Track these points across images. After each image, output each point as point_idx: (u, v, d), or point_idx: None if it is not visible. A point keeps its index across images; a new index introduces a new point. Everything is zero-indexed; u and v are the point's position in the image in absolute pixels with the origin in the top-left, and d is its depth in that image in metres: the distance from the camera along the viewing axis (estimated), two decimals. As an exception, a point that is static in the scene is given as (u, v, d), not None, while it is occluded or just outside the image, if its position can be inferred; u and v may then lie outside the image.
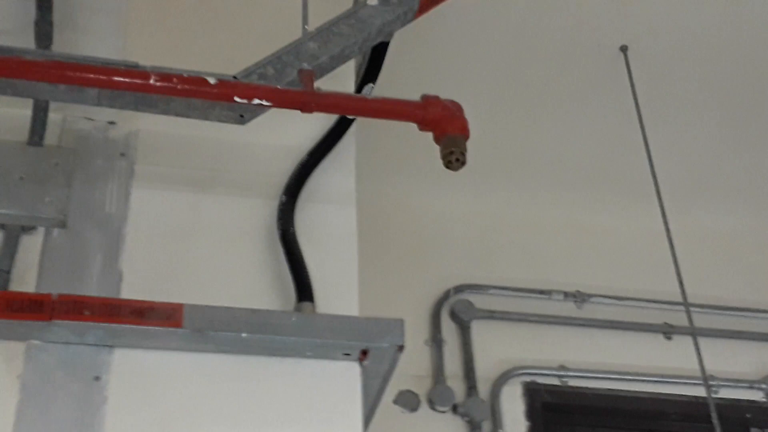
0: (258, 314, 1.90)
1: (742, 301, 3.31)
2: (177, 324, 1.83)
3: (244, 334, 1.86)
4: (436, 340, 3.04)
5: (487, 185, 3.27)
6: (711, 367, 2.98)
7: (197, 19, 2.34)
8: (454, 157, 1.87)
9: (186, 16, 2.34)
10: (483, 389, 2.95)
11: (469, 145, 1.98)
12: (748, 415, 3.11)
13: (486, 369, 3.01)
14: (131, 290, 1.95)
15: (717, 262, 3.36)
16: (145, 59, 1.92)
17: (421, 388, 2.91)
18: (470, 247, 3.23)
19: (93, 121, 2.16)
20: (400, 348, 1.93)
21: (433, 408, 2.89)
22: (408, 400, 2.87)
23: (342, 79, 2.32)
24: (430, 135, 1.95)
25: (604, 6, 2.93)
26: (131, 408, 1.81)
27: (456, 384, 2.95)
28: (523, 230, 3.32)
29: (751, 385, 3.17)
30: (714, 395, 3.05)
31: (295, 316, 1.93)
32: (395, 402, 2.85)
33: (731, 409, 3.07)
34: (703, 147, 3.30)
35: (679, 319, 3.04)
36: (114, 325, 1.82)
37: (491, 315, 3.12)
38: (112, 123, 2.17)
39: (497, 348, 3.07)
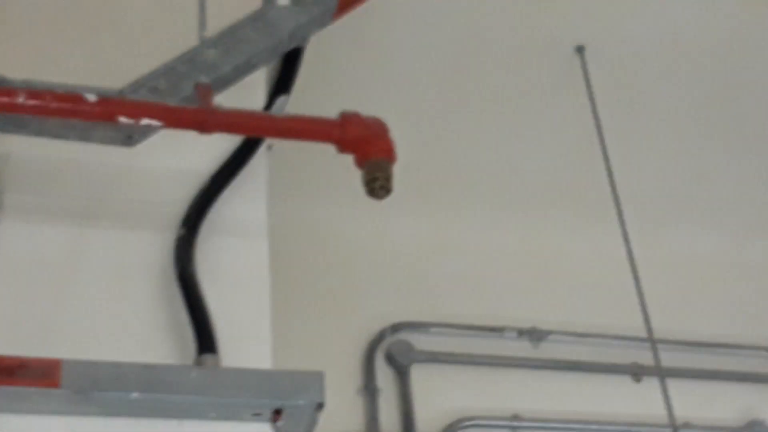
0: (151, 370, 1.87)
1: (720, 337, 3.37)
2: (54, 383, 1.80)
3: (134, 394, 1.83)
4: (369, 389, 3.05)
5: (426, 207, 3.30)
6: (686, 412, 3.03)
7: (79, 23, 2.32)
8: (378, 185, 1.88)
9: (66, 19, 2.32)
10: (427, 444, 2.97)
11: (404, 163, 2.00)
12: (727, 468, 3.17)
13: (428, 421, 3.02)
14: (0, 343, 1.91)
15: (690, 293, 3.42)
16: (15, 71, 1.91)
17: (353, 445, 2.92)
18: (408, 280, 3.25)
19: (-46, 144, 2.13)
20: (320, 405, 1.92)
21: (365, 469, 2.90)
22: (336, 461, 2.87)
23: (250, 92, 2.32)
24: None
25: (558, 1, 2.98)
26: (-1, 489, 1.79)
27: (393, 439, 2.95)
28: (468, 258, 3.34)
29: (733, 432, 3.23)
30: (691, 446, 3.11)
31: (195, 372, 1.91)
32: (321, 463, 2.85)
33: (709, 461, 3.12)
34: (671, 162, 3.37)
35: (650, 358, 3.07)
36: (-22, 387, 1.79)
37: (434, 357, 3.13)
38: (-24, 146, 2.14)
39: (441, 396, 3.09)
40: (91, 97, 1.85)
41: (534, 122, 3.23)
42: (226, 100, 2.00)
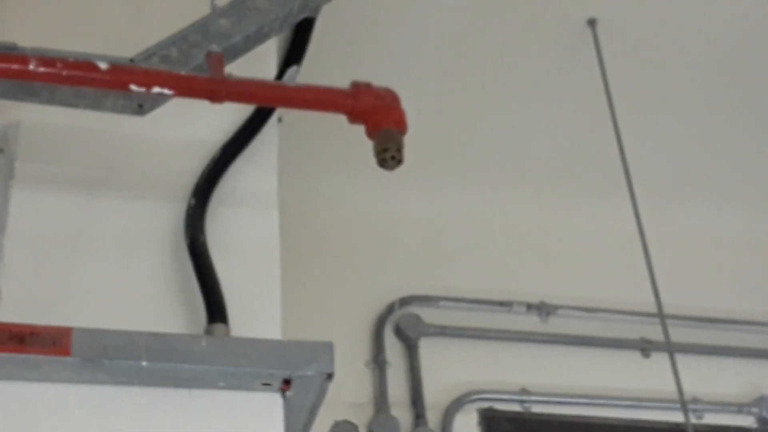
0: (161, 339, 1.87)
1: (728, 312, 3.37)
2: (64, 351, 1.80)
3: (144, 363, 1.84)
4: (378, 362, 3.05)
5: (436, 182, 3.29)
6: (694, 388, 3.04)
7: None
8: (389, 155, 1.88)
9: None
10: (433, 418, 2.98)
11: (415, 136, 1.99)
12: (735, 444, 3.17)
13: (436, 394, 3.03)
14: (10, 312, 1.90)
15: (700, 268, 3.42)
16: (26, 39, 1.90)
17: (361, 418, 2.93)
18: (417, 254, 3.25)
19: (-37, 111, 2.13)
20: (329, 376, 1.92)
21: (374, 442, 2.90)
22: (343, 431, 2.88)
23: (262, 62, 2.31)
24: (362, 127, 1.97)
25: None
26: (10, 453, 1.79)
27: (401, 413, 2.97)
28: (477, 233, 3.34)
29: (740, 408, 3.23)
30: (698, 421, 3.11)
31: (205, 341, 1.91)
32: (330, 436, 2.86)
33: (718, 437, 3.13)
34: (683, 137, 3.35)
35: (659, 333, 3.06)
36: (-12, 355, 1.80)
37: (442, 331, 3.13)
38: (-14, 113, 2.14)
39: (449, 370, 3.09)
40: (103, 65, 1.84)
41: (545, 96, 3.21)
42: (237, 69, 1.99)
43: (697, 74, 3.19)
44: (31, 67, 1.81)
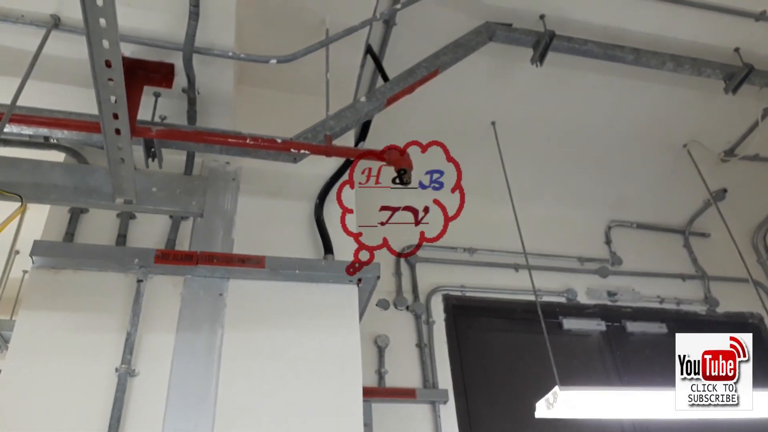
0: (305, 260, 1.91)
1: (552, 251, 3.28)
2: (262, 266, 1.84)
3: (297, 271, 1.87)
4: (397, 273, 3.01)
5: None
6: (539, 285, 2.99)
7: (271, 109, 2.31)
8: (405, 178, 1.89)
9: (263, 108, 2.30)
10: (422, 297, 2.94)
11: (415, 171, 1.99)
12: (557, 309, 3.12)
13: (423, 288, 2.98)
14: (238, 248, 1.95)
15: (541, 231, 3.31)
16: (245, 129, 1.92)
17: (390, 297, 2.89)
18: (413, 226, 3.19)
19: (218, 161, 2.14)
20: (378, 278, 1.95)
21: (396, 308, 2.88)
22: (383, 304, 2.87)
23: (348, 139, 2.33)
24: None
25: (480, 95, 2.86)
26: (238, 309, 1.82)
27: (408, 295, 2.93)
28: (438, 218, 3.25)
29: (559, 294, 3.17)
30: (540, 299, 3.07)
31: (324, 262, 1.94)
32: (377, 305, 2.84)
33: (549, 307, 3.09)
34: (538, 173, 3.23)
35: (523, 261, 3.03)
36: (229, 267, 1.83)
37: (426, 260, 3.09)
38: (228, 162, 2.15)
39: (429, 277, 3.04)
40: (278, 140, 1.86)
41: (469, 159, 3.05)
42: (337, 142, 2.00)
43: (544, 148, 3.10)
44: (248, 141, 1.83)
